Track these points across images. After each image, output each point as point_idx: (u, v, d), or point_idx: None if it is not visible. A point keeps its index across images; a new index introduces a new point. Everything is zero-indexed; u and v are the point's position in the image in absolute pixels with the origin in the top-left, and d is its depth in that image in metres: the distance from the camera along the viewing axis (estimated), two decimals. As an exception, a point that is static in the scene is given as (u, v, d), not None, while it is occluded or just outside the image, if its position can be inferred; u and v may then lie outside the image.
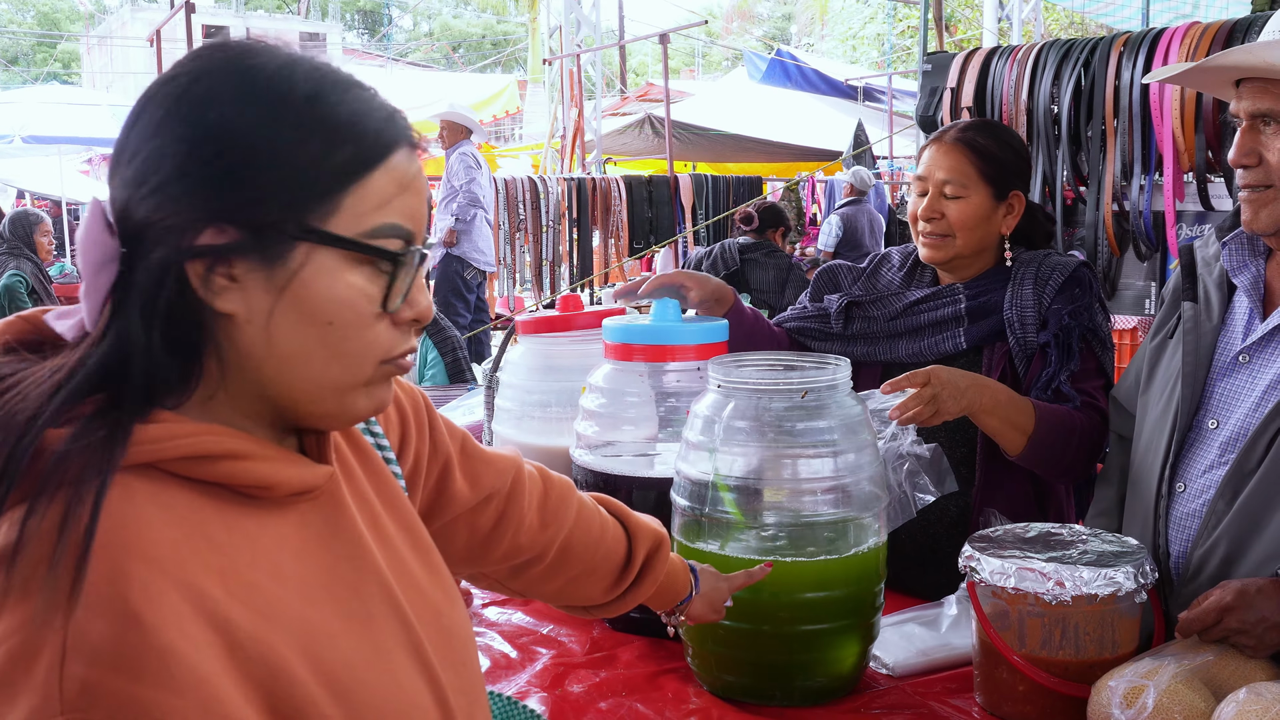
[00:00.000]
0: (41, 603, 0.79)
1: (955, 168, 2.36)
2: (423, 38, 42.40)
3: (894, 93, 15.14)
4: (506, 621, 2.18)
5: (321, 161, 0.91)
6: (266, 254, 0.90)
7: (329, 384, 0.95)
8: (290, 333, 0.92)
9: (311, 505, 1.00)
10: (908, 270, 2.53)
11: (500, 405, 2.43)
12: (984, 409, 2.12)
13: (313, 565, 0.97)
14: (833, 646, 1.79)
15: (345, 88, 0.95)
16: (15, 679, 0.77)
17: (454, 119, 8.45)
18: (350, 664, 0.94)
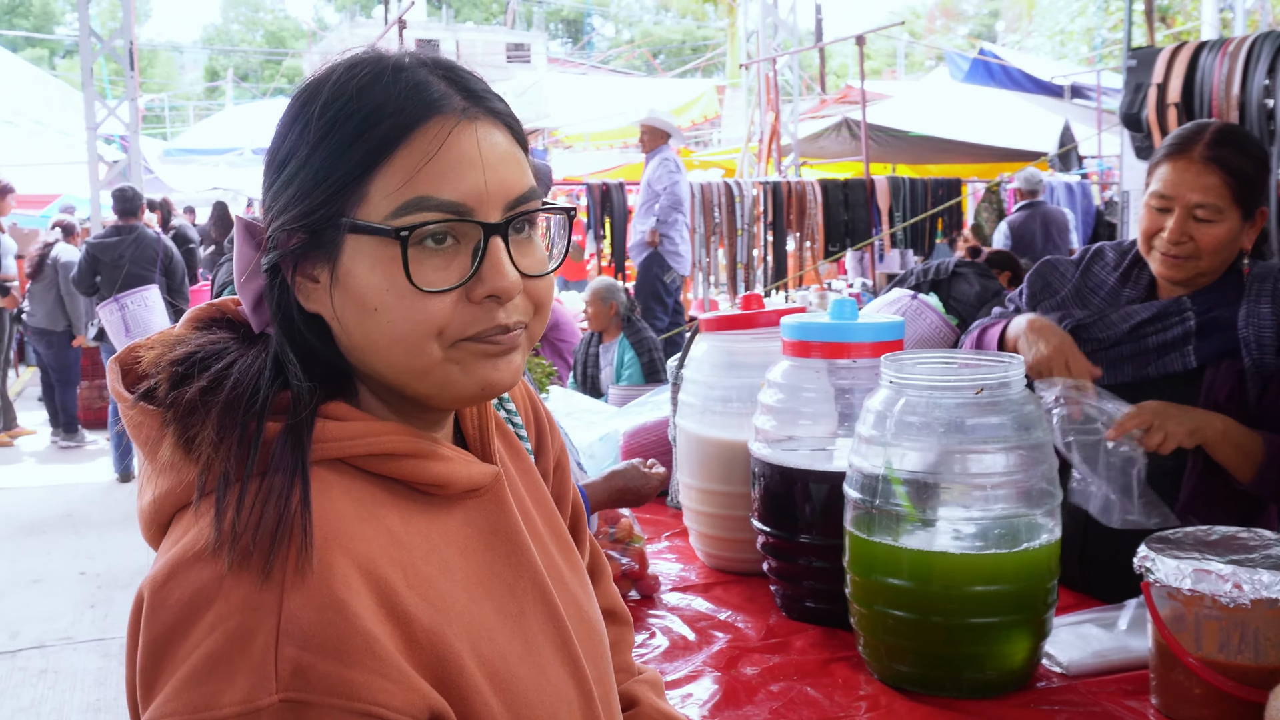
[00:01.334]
0: (257, 588, 0.85)
1: (1210, 190, 2.20)
2: (623, 45, 43.06)
3: (1103, 90, 14.59)
4: (687, 607, 2.26)
5: (343, 159, 0.93)
6: (325, 252, 0.95)
7: (403, 368, 0.96)
8: (355, 324, 0.96)
9: (477, 503, 1.04)
10: (1123, 271, 2.41)
11: (684, 401, 2.51)
12: (1211, 440, 2.11)
13: (475, 562, 1.01)
14: (1003, 640, 1.81)
15: (374, 79, 0.96)
16: (234, 658, 0.83)
17: (654, 124, 8.62)
18: (506, 658, 0.98)
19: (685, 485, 2.49)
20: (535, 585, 1.05)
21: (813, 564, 2.10)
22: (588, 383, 6.62)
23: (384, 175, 0.93)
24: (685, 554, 2.57)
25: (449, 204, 0.94)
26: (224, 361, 0.96)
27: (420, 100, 0.95)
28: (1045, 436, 1.84)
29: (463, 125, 0.95)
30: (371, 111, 0.94)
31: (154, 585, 0.88)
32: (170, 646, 0.85)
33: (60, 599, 5.62)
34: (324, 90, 0.96)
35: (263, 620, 0.84)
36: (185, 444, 0.91)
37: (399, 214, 0.93)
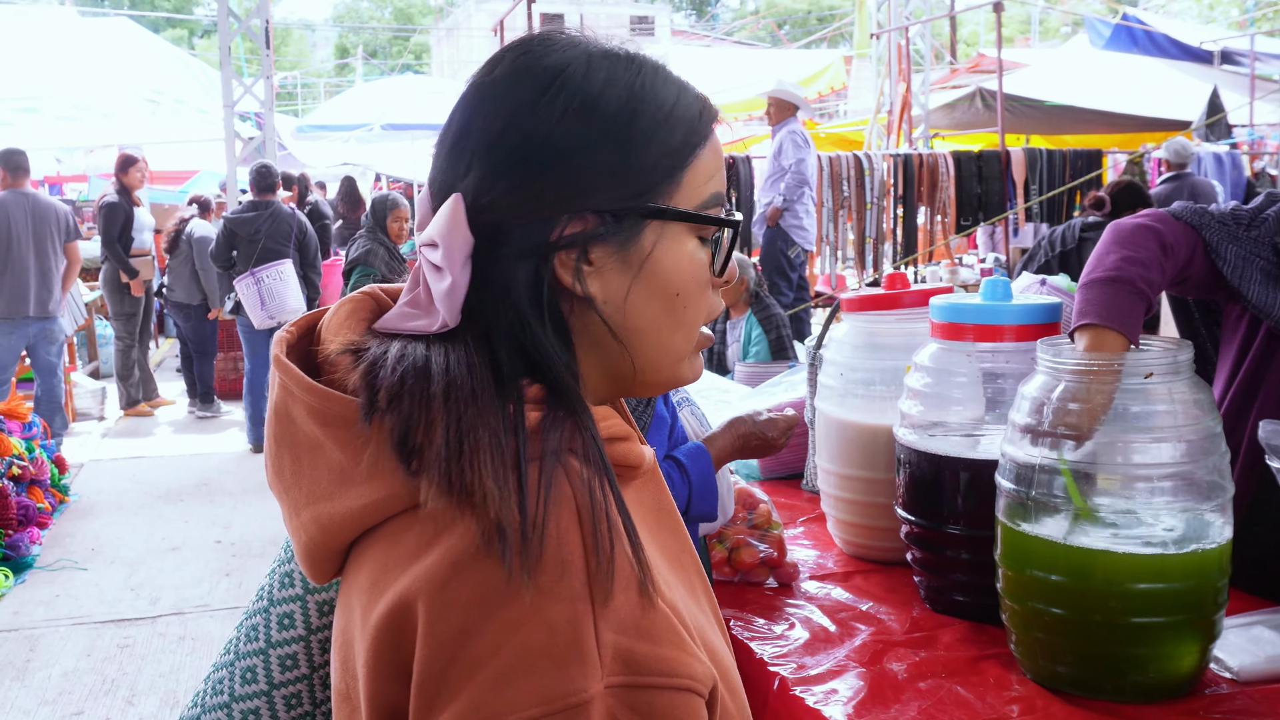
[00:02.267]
0: (560, 578, 0.83)
1: None
2: (748, 16, 42.68)
3: (1256, 55, 13.95)
4: (826, 596, 2.20)
5: (661, 145, 0.94)
6: (623, 237, 0.94)
7: (672, 352, 0.99)
8: (643, 307, 0.96)
9: (642, 483, 1.03)
10: None
11: (823, 383, 2.44)
12: None
13: (657, 539, 1.00)
14: (1168, 642, 1.71)
15: (664, 75, 0.98)
16: (556, 651, 0.80)
17: (782, 96, 8.48)
18: (704, 630, 0.96)
19: (824, 470, 2.42)
20: (693, 560, 1.05)
21: (960, 556, 2.02)
22: (714, 359, 6.54)
23: (695, 168, 0.96)
24: (822, 540, 2.50)
25: (724, 199, 1.00)
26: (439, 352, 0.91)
27: (708, 102, 1.00)
28: (1216, 425, 1.73)
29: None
30: (674, 108, 0.97)
31: (432, 589, 0.84)
32: (465, 645, 0.82)
33: (197, 566, 5.77)
34: (594, 78, 0.95)
35: (577, 609, 0.82)
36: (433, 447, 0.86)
37: (705, 206, 0.97)
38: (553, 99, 0.93)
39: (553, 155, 0.92)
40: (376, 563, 0.89)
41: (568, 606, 0.81)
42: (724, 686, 0.92)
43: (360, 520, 0.91)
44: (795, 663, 1.89)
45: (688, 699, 0.84)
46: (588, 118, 0.93)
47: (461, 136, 0.95)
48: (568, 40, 0.97)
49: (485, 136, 0.94)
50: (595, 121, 0.93)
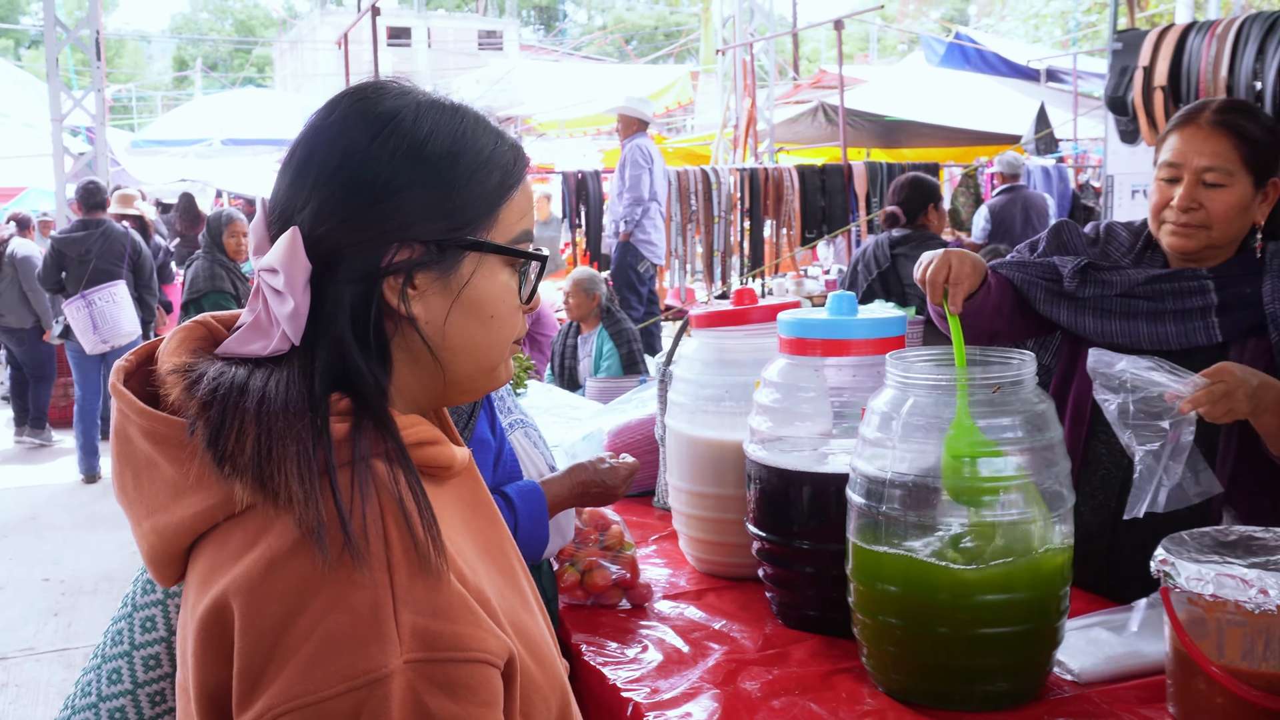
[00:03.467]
0: (365, 567, 0.93)
1: (1218, 154, 2.17)
2: (596, 31, 42.89)
3: (1079, 73, 14.59)
4: (679, 616, 2.18)
5: (482, 185, 1.08)
6: (445, 265, 1.06)
7: (487, 366, 1.12)
8: (460, 327, 1.08)
9: (458, 481, 1.14)
10: (1136, 253, 2.35)
11: (673, 399, 2.42)
12: (1266, 407, 1.95)
13: (472, 531, 1.11)
14: (1014, 651, 1.73)
15: (484, 125, 1.10)
16: (359, 633, 0.91)
17: (628, 112, 8.51)
18: (517, 611, 1.07)
19: (675, 487, 2.41)
20: (508, 553, 1.16)
21: (811, 570, 2.02)
22: (565, 374, 6.51)
23: (509, 206, 1.09)
24: (675, 558, 2.48)
25: (533, 235, 1.13)
26: (262, 372, 1.01)
27: (522, 153, 1.13)
28: (1057, 436, 1.76)
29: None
30: (509, 148, 1.11)
31: (250, 586, 0.95)
32: (283, 635, 0.92)
33: (22, 606, 5.45)
34: (422, 124, 1.06)
35: (378, 594, 0.93)
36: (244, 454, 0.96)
37: (516, 241, 1.10)
38: (384, 141, 1.04)
39: (383, 192, 1.03)
40: (207, 563, 1.00)
41: (369, 593, 0.93)
42: (531, 660, 1.05)
43: (192, 527, 1.01)
44: (649, 687, 1.86)
45: (482, 670, 0.95)
46: (415, 159, 1.04)
47: (300, 172, 1.06)
48: (399, 89, 1.09)
49: (322, 173, 1.04)
50: (422, 163, 1.05)
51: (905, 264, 5.50)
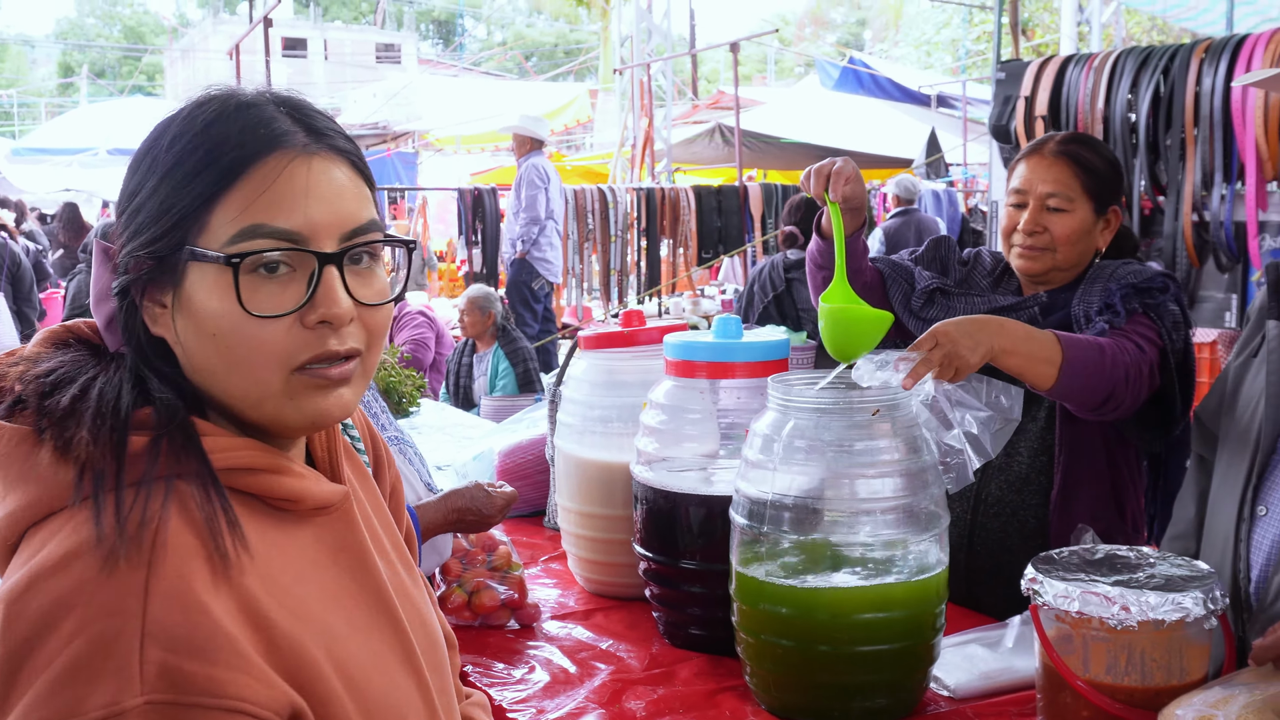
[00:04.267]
0: (120, 593, 0.88)
1: (1060, 181, 2.33)
2: (496, 47, 42.78)
3: (968, 100, 14.97)
4: (567, 636, 2.18)
5: (187, 190, 0.98)
6: (170, 278, 1.00)
7: (241, 395, 1.01)
8: (195, 348, 1.01)
9: (326, 521, 1.08)
10: (996, 277, 2.50)
11: (562, 420, 2.43)
12: (1003, 349, 2.01)
13: (325, 576, 1.05)
14: (891, 668, 1.77)
15: (221, 114, 1.01)
16: (97, 663, 0.85)
17: (522, 131, 8.49)
18: (359, 664, 1.02)
19: (564, 508, 2.41)
20: (380, 600, 1.10)
21: (696, 590, 2.04)
22: (459, 393, 6.47)
23: (224, 205, 0.98)
24: (564, 578, 2.49)
25: (283, 232, 0.99)
26: (87, 375, 0.99)
27: (262, 135, 1.00)
28: (934, 459, 1.81)
29: (302, 159, 1.01)
30: (215, 145, 0.99)
31: (10, 597, 0.89)
32: (29, 657, 0.86)
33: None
34: (173, 125, 1.02)
35: (126, 624, 0.86)
36: (62, 451, 0.94)
37: (234, 241, 0.97)
38: (143, 154, 1.03)
39: (132, 205, 1.01)
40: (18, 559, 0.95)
41: (117, 621, 0.86)
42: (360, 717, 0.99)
43: (12, 525, 0.96)
44: (535, 707, 1.87)
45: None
46: (152, 168, 1.01)
47: None
48: (195, 97, 1.04)
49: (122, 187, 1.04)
50: (156, 171, 1.00)
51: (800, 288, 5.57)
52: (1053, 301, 2.37)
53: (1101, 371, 2.11)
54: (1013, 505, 2.34)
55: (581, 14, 31.98)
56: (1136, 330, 2.23)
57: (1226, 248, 4.22)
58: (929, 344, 1.93)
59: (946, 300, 2.45)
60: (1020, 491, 2.34)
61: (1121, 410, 2.19)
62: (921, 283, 2.47)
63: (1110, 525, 2.25)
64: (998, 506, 2.34)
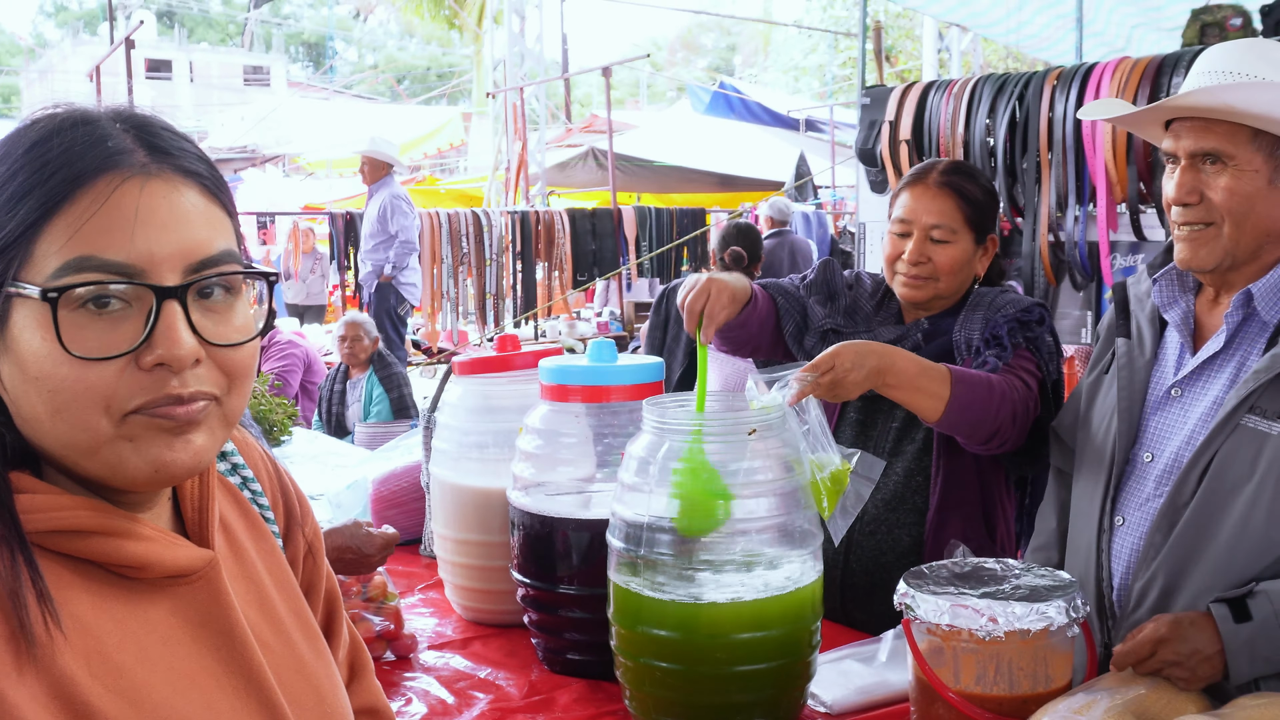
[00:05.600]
0: None
1: (944, 212, 2.37)
2: (367, 70, 42.31)
3: (835, 124, 15.30)
4: (444, 666, 2.15)
5: (9, 213, 0.88)
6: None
7: (69, 444, 0.90)
8: (20, 394, 0.90)
9: (187, 590, 0.97)
10: (878, 300, 2.54)
11: (438, 446, 2.40)
12: (889, 383, 2.07)
13: (181, 653, 0.94)
14: (770, 686, 1.78)
15: (52, 132, 0.91)
16: None
17: (376, 155, 8.36)
18: None
19: (440, 535, 2.38)
20: (252, 681, 0.98)
21: (575, 615, 2.03)
22: (332, 420, 6.36)
23: (48, 234, 0.87)
24: (441, 607, 2.45)
25: (114, 264, 0.88)
26: None
27: (93, 155, 0.89)
28: (808, 477, 1.84)
29: (137, 181, 0.90)
30: (40, 166, 0.88)
31: None
32: None
33: None
34: (3, 144, 0.91)
35: None
36: None
37: (59, 275, 0.87)
38: None
39: None
40: None
41: None
42: None
43: None
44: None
45: None
46: None
47: None
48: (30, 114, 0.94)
49: None
50: None
51: None
52: (934, 329, 2.42)
53: (989, 409, 2.17)
54: (888, 524, 2.39)
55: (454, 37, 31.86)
56: (1021, 365, 2.30)
57: (1081, 267, 4.39)
58: (826, 364, 1.98)
59: (838, 339, 2.41)
60: (895, 510, 2.39)
61: (1008, 446, 2.26)
62: (816, 321, 2.49)
63: (981, 545, 2.31)
64: (873, 525, 2.38)
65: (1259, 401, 1.81)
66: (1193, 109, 1.85)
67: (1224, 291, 1.95)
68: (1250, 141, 1.82)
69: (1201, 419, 1.90)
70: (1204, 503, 1.84)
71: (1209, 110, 1.83)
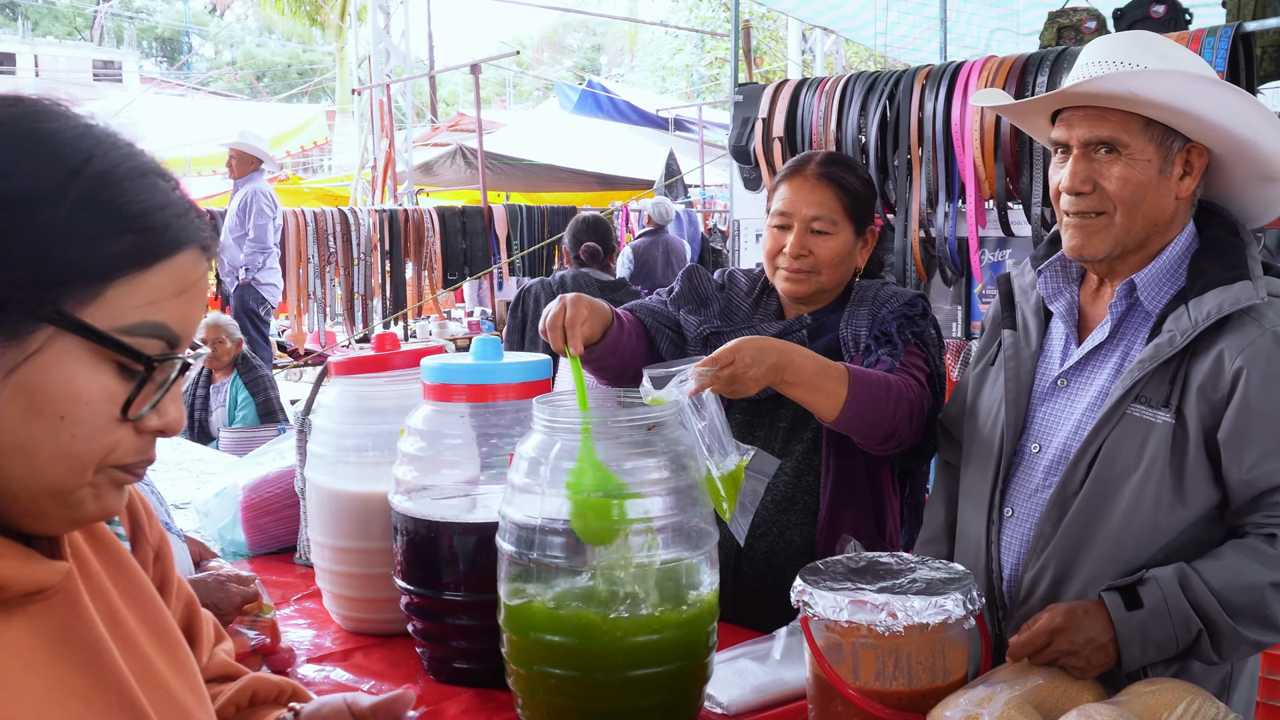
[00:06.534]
0: None
1: (823, 204, 2.34)
2: (225, 66, 41.17)
3: (704, 123, 15.40)
4: (324, 679, 2.06)
5: (95, 245, 0.84)
6: (6, 329, 0.82)
7: (49, 484, 0.87)
8: (16, 421, 0.84)
9: (44, 607, 0.91)
10: (755, 297, 2.51)
11: (313, 450, 2.30)
12: (787, 380, 2.04)
13: (44, 675, 0.89)
14: (667, 691, 1.74)
15: (142, 173, 0.88)
16: None
17: (244, 149, 8.13)
18: None
19: (317, 543, 2.28)
20: (120, 696, 0.94)
21: (462, 622, 1.96)
22: (195, 426, 6.13)
23: (130, 285, 0.86)
24: (319, 618, 2.35)
25: (175, 339, 0.89)
26: None
27: (187, 223, 0.89)
28: (703, 474, 1.80)
29: (203, 258, 0.92)
30: (145, 212, 0.86)
31: None
32: None
33: None
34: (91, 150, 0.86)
35: None
36: None
37: (130, 332, 0.86)
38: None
39: None
40: None
41: None
42: None
43: None
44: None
45: None
46: (43, 175, 0.83)
47: None
48: (39, 107, 0.89)
49: None
50: (55, 185, 0.83)
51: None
52: (819, 324, 2.39)
53: (887, 408, 2.15)
54: (779, 525, 2.36)
55: (316, 34, 31.20)
56: (912, 363, 2.29)
57: (951, 262, 4.45)
58: (727, 359, 1.93)
59: (721, 341, 2.35)
60: (786, 511, 2.36)
61: (904, 446, 2.25)
62: (692, 330, 2.45)
63: (872, 541, 2.30)
64: (764, 526, 2.35)
65: (1144, 391, 1.84)
66: (1097, 96, 1.86)
67: (1109, 281, 1.97)
68: (1143, 131, 1.84)
69: (1088, 409, 1.92)
70: (1092, 492, 1.86)
71: (1112, 98, 1.85)
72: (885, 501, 2.40)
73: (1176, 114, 1.82)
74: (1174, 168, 1.86)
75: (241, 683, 1.30)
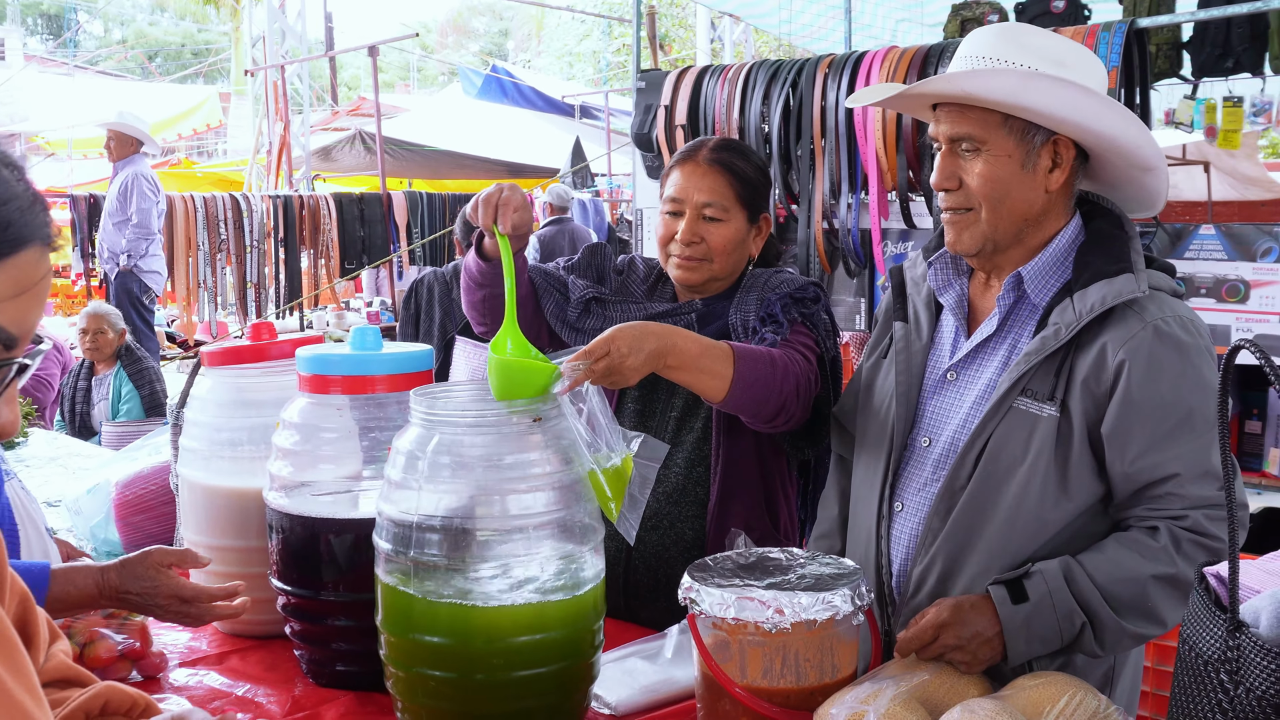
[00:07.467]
0: None
1: (715, 190, 2.30)
2: (115, 45, 39.99)
3: (611, 110, 15.33)
4: (198, 684, 1.97)
5: None
6: None
7: None
8: None
9: None
10: (650, 285, 2.48)
11: (186, 445, 2.20)
12: (670, 365, 1.98)
13: None
14: (552, 692, 1.69)
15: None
16: None
17: (123, 130, 7.86)
18: None
19: (191, 542, 2.19)
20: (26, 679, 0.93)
21: (341, 623, 1.89)
22: (76, 420, 5.90)
23: None
24: (194, 619, 2.26)
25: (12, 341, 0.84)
26: None
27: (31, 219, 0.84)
28: (586, 469, 1.75)
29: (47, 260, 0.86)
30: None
31: None
32: None
33: None
34: None
35: None
36: None
37: None
38: None
39: None
40: None
41: None
42: None
43: None
44: None
45: None
46: None
47: None
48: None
49: None
50: None
51: None
52: (710, 310, 2.35)
53: (773, 384, 2.11)
54: (670, 518, 2.31)
55: (210, 13, 30.44)
56: (799, 341, 2.25)
57: (854, 253, 4.46)
58: (601, 350, 1.86)
59: (603, 309, 2.40)
60: (677, 504, 2.31)
61: (793, 422, 2.20)
62: (576, 293, 2.41)
63: (764, 534, 2.28)
64: (655, 519, 2.30)
65: (1030, 384, 1.83)
66: (934, 95, 1.86)
67: (994, 275, 1.96)
68: (1001, 126, 1.83)
69: (976, 402, 1.91)
70: (980, 486, 1.85)
71: (947, 96, 1.84)
72: (779, 493, 2.37)
73: (1020, 111, 1.81)
74: (1039, 160, 1.85)
75: (95, 689, 1.24)
